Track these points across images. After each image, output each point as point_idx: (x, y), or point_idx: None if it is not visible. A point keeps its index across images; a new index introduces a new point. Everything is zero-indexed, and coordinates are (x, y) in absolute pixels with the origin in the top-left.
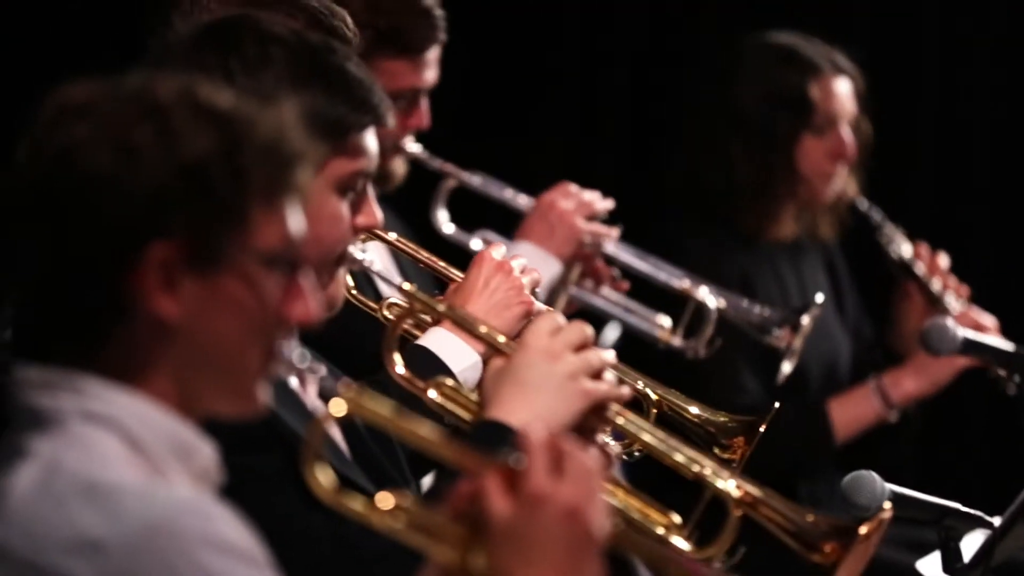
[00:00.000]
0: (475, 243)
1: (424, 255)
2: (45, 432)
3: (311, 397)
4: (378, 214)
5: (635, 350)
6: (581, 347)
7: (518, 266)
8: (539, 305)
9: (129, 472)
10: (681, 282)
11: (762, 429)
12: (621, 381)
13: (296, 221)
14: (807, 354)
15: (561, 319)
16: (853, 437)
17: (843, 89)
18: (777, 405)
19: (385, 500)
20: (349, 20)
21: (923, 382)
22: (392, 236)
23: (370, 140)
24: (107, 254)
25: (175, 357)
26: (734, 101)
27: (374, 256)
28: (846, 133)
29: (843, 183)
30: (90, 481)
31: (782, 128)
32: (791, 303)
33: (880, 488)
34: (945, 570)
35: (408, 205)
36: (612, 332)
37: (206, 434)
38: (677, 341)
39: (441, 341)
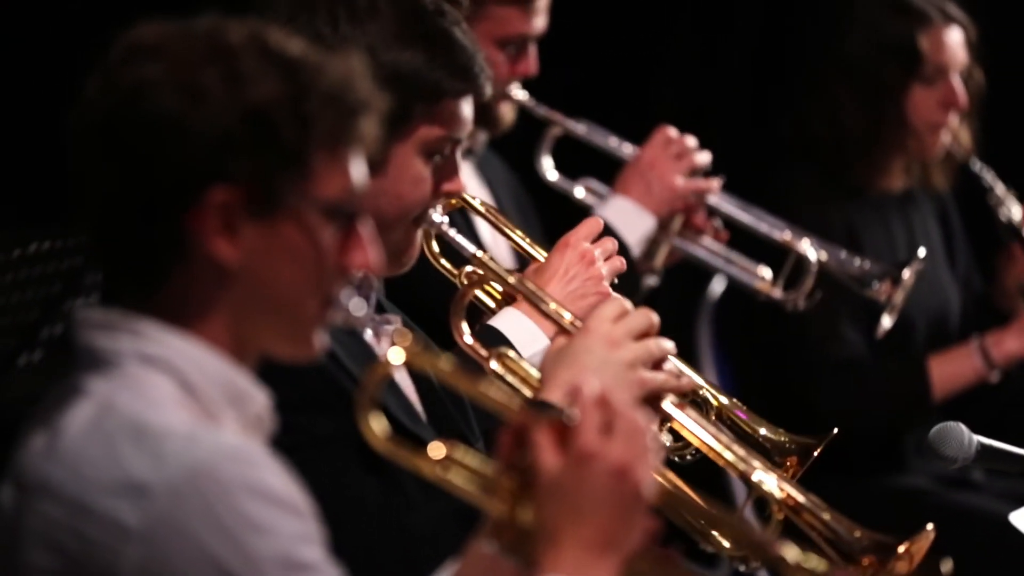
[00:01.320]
0: (578, 191)
1: (514, 232)
2: (102, 372)
3: (383, 351)
4: (463, 181)
5: (739, 301)
6: (644, 335)
7: (601, 254)
8: (615, 296)
9: (181, 415)
10: (783, 234)
11: (816, 454)
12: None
13: (358, 171)
14: (915, 305)
15: (628, 305)
16: (952, 395)
17: (953, 39)
18: (835, 431)
19: (437, 450)
20: None
21: None
22: (479, 204)
23: (464, 108)
24: (168, 195)
25: (232, 301)
26: (844, 51)
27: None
28: (956, 83)
29: (954, 134)
30: (140, 423)
31: (891, 78)
32: (898, 255)
33: (967, 440)
34: None
35: (514, 152)
36: (718, 285)
37: (271, 390)
38: (777, 293)
39: (513, 323)
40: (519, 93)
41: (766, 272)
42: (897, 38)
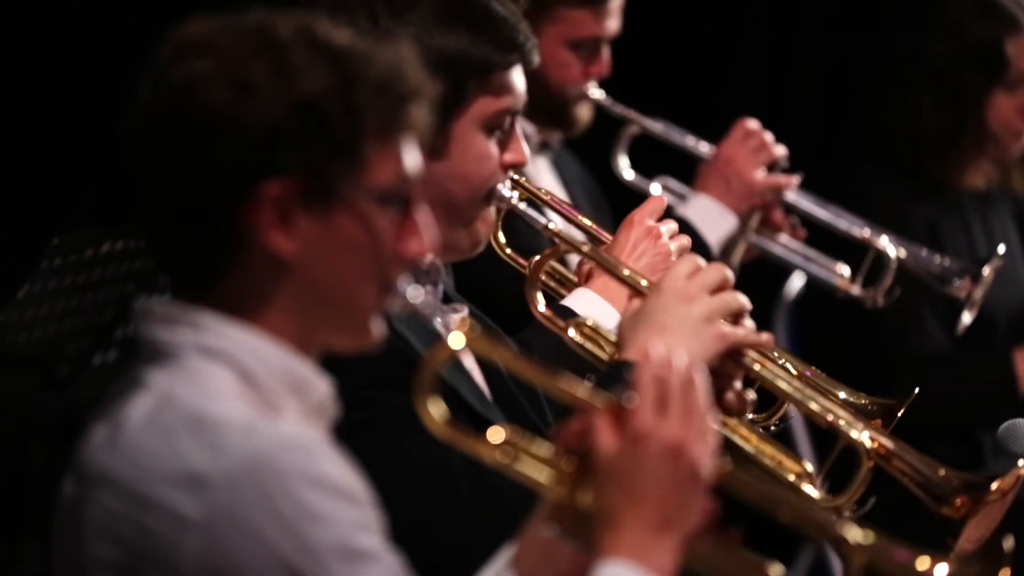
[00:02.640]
0: (654, 188)
1: (577, 217)
2: (162, 365)
3: None
4: (525, 151)
5: (817, 298)
6: (719, 289)
7: (667, 231)
8: (699, 259)
9: (240, 407)
10: (861, 231)
11: (900, 414)
12: (769, 357)
13: (411, 158)
14: (995, 303)
15: (700, 261)
16: None
17: None
18: (917, 390)
19: (496, 434)
20: None
21: None
22: (543, 192)
23: (516, 78)
24: (223, 190)
25: (290, 293)
26: (929, 51)
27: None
28: None
29: None
30: (199, 415)
31: (973, 82)
32: (977, 253)
33: None
34: None
35: (590, 151)
36: (796, 283)
37: (350, 372)
38: (856, 290)
39: (585, 301)
40: (596, 92)
41: (844, 269)
42: (983, 42)
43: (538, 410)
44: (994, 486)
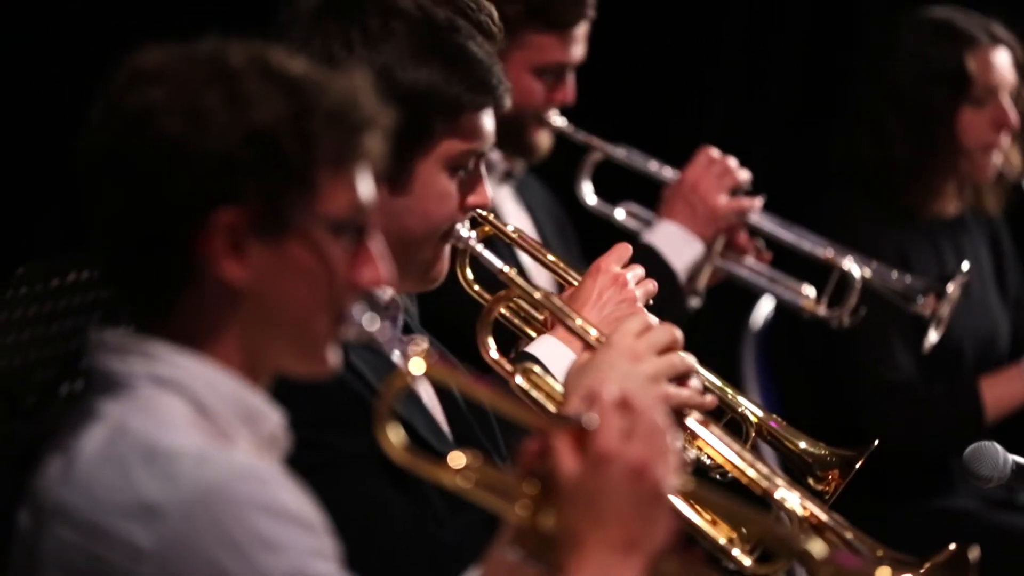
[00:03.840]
0: (619, 214)
1: (547, 257)
2: (116, 395)
3: None
4: (489, 194)
5: (786, 323)
6: (667, 350)
7: (633, 278)
8: (651, 317)
9: (193, 437)
10: (825, 251)
11: (857, 466)
12: (723, 402)
13: (365, 187)
14: (963, 329)
15: (653, 320)
16: (1003, 416)
17: (1001, 59)
18: (876, 443)
19: (456, 459)
20: (495, 15)
21: None
22: (512, 231)
23: (486, 121)
24: (175, 218)
25: (242, 321)
26: (891, 77)
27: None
28: (1007, 102)
29: (1005, 155)
30: (152, 445)
31: (940, 102)
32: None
33: (1003, 459)
34: None
35: (554, 177)
36: (763, 307)
37: (297, 408)
38: (822, 311)
39: (548, 349)
40: (557, 120)
41: (810, 290)
42: (944, 62)
43: (495, 445)
44: (923, 570)
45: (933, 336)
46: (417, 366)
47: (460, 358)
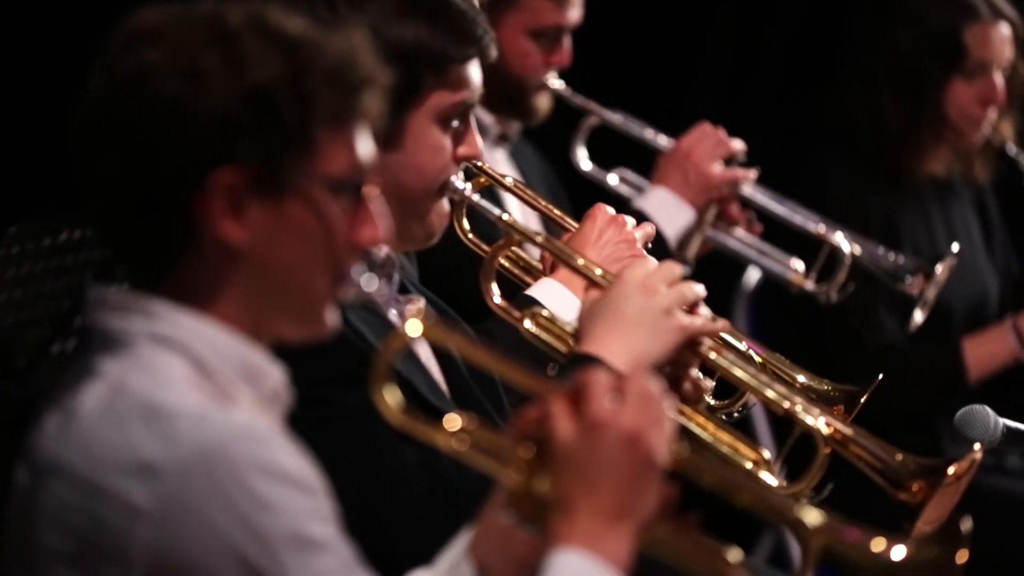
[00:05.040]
0: (612, 179)
1: (541, 203)
2: (114, 353)
3: None
4: (479, 143)
5: (775, 289)
6: (675, 282)
7: (631, 220)
8: (650, 259)
9: (194, 395)
10: (817, 226)
11: (863, 400)
12: (727, 344)
13: (364, 146)
14: (953, 294)
15: (653, 262)
16: (988, 376)
17: (999, 34)
18: (880, 376)
19: (452, 422)
20: None
21: None
22: (508, 180)
23: (473, 72)
24: (174, 179)
25: (243, 281)
26: (889, 39)
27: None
28: (998, 79)
29: (993, 127)
30: (151, 404)
31: (932, 71)
32: (937, 243)
33: (993, 423)
34: None
35: (548, 142)
36: (753, 275)
37: (302, 366)
38: (810, 285)
39: (549, 291)
40: (555, 82)
41: (799, 265)
42: (942, 30)
43: (496, 404)
44: (951, 470)
45: (919, 316)
46: (414, 327)
47: (461, 315)
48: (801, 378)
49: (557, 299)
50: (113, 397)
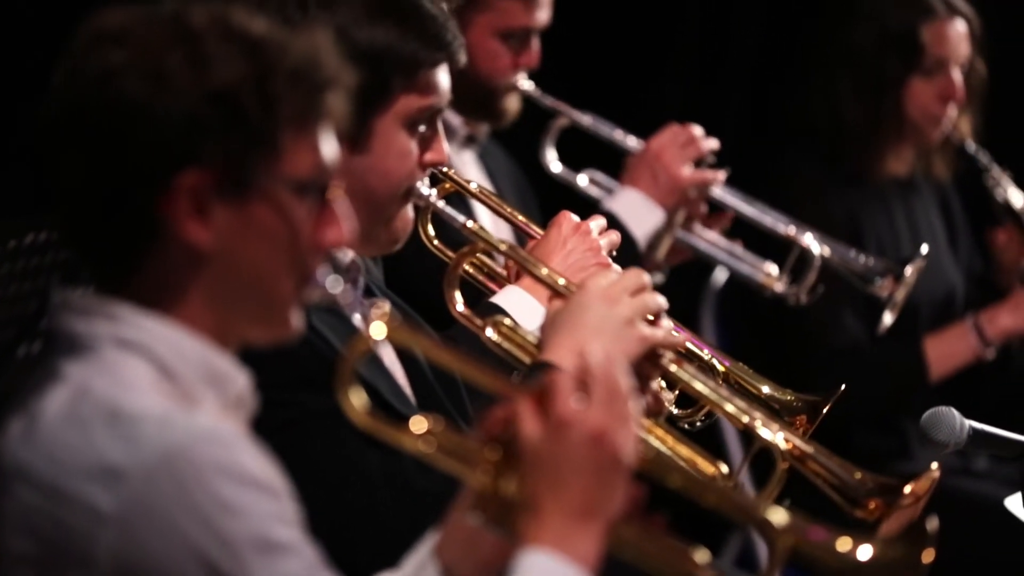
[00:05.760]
0: (582, 181)
1: (507, 209)
2: (79, 357)
3: None
4: (446, 149)
5: (741, 289)
6: (638, 292)
7: (596, 227)
8: (615, 267)
9: (158, 398)
10: (786, 228)
11: (824, 410)
12: (691, 354)
13: (329, 147)
14: (919, 291)
15: (617, 269)
16: (949, 374)
17: (956, 31)
18: (842, 386)
19: (418, 424)
20: None
21: (1020, 318)
22: (474, 186)
23: (442, 77)
24: (138, 180)
25: (207, 284)
26: (847, 39)
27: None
28: (956, 76)
29: (953, 125)
30: (115, 407)
31: (891, 69)
32: (901, 242)
33: (959, 424)
34: None
35: (517, 143)
36: (721, 275)
37: (266, 370)
38: (780, 287)
39: (514, 299)
40: (525, 83)
41: (769, 267)
42: (899, 29)
43: (460, 408)
44: (907, 489)
45: (888, 318)
46: (378, 330)
47: (426, 320)
48: (765, 388)
49: (522, 307)
50: (77, 401)
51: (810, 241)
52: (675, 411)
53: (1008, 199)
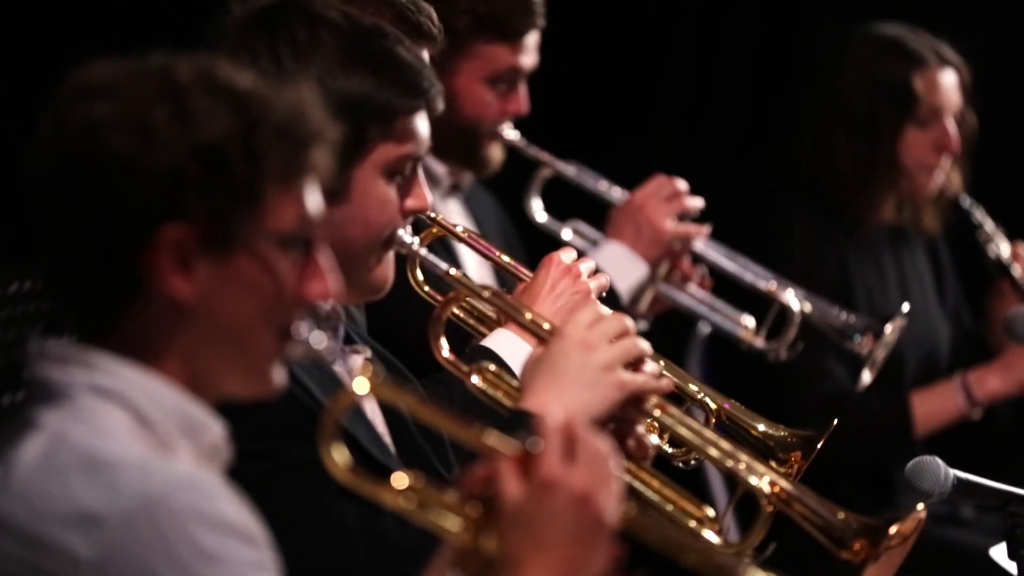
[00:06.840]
0: (566, 232)
1: (495, 252)
2: (55, 405)
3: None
4: (427, 197)
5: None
6: (620, 336)
7: (586, 270)
8: (603, 308)
9: (135, 446)
10: (768, 284)
11: (819, 445)
12: (681, 390)
13: (313, 200)
14: (905, 341)
15: (603, 310)
16: (935, 431)
17: (948, 81)
18: (835, 421)
19: (399, 480)
20: (435, 17)
21: (1009, 381)
22: (460, 229)
23: (420, 124)
24: (122, 234)
25: (188, 337)
26: (839, 91)
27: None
28: (950, 125)
29: (946, 175)
30: (92, 455)
31: (886, 119)
32: (889, 293)
33: (944, 474)
34: (1010, 556)
35: (503, 191)
36: (704, 328)
37: (243, 420)
38: (759, 342)
39: (503, 343)
40: (510, 133)
41: (749, 321)
42: (892, 80)
43: (443, 458)
44: (893, 530)
45: (867, 377)
46: (361, 385)
47: (411, 368)
48: (760, 426)
49: (511, 350)
50: (53, 448)
51: (790, 297)
52: (669, 450)
53: (1000, 255)
